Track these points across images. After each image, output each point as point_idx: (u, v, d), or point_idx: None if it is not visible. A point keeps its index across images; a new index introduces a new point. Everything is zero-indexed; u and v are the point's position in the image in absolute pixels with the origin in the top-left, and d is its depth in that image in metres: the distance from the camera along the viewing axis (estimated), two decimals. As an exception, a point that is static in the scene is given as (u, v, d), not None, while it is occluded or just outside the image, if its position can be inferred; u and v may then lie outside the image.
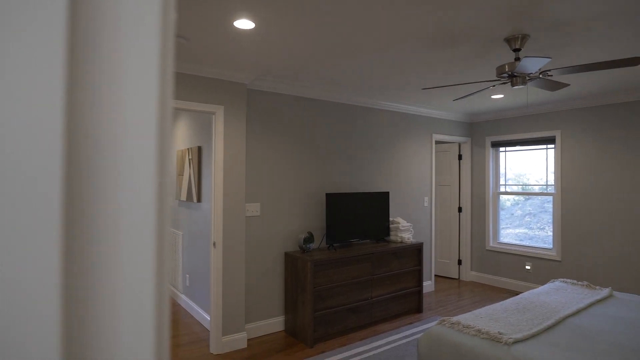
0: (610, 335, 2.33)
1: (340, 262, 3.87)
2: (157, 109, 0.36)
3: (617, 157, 4.54)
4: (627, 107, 4.46)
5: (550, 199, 5.22)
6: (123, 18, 0.35)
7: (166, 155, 0.37)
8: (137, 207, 0.35)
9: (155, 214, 0.36)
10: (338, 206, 4.15)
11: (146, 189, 0.35)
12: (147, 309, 0.35)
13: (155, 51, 0.36)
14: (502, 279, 5.61)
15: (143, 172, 0.35)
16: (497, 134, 5.71)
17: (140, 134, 0.35)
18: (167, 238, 0.37)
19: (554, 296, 3.08)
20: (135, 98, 0.35)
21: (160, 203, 0.36)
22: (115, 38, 0.35)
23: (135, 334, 0.35)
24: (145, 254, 0.35)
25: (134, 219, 0.35)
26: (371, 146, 4.82)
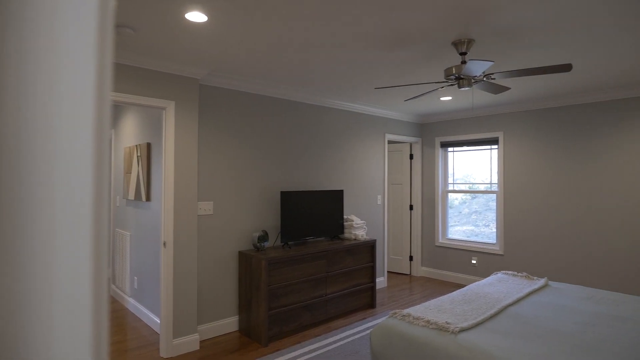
0: (546, 321, 2.51)
1: (295, 260, 3.88)
2: (94, 103, 0.34)
3: (553, 157, 4.89)
4: (561, 111, 4.81)
5: (494, 197, 5.52)
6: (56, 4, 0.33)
7: (104, 152, 0.35)
8: (73, 206, 0.33)
9: (92, 212, 0.34)
10: (293, 204, 4.15)
11: (82, 187, 0.34)
12: (83, 311, 0.34)
13: (93, 40, 0.34)
14: (451, 273, 5.87)
15: (79, 170, 0.33)
16: (446, 134, 5.95)
17: (75, 130, 0.33)
18: (105, 237, 0.36)
19: (496, 287, 3.27)
20: (70, 91, 0.33)
21: (97, 202, 0.35)
22: (47, 26, 0.33)
23: (72, 338, 0.34)
24: (82, 254, 0.34)
25: (69, 218, 0.33)
26: (326, 145, 4.86)
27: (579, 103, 4.65)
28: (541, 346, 2.12)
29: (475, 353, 2.06)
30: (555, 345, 2.13)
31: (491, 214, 5.63)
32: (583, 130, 4.64)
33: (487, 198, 5.66)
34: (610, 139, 4.44)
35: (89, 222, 0.35)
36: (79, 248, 0.34)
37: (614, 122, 4.41)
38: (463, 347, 2.13)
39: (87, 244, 0.35)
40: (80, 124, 0.35)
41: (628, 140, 4.32)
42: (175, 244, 3.42)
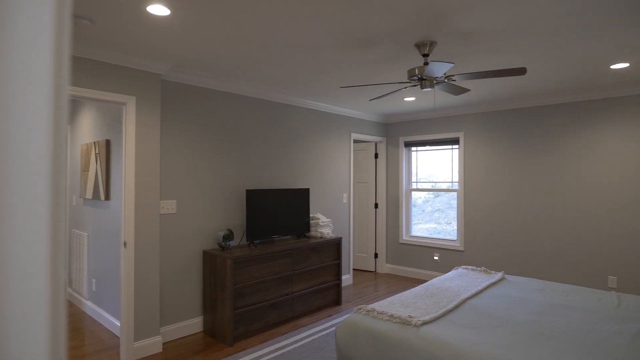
0: (503, 312, 2.63)
1: (260, 259, 3.86)
2: (50, 97, 0.32)
3: (510, 157, 5.12)
4: (518, 113, 5.05)
5: (455, 195, 5.71)
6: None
7: (61, 150, 0.34)
8: (29, 205, 0.32)
9: (49, 211, 0.33)
10: (259, 203, 4.13)
11: (38, 185, 0.32)
12: (40, 313, 0.33)
13: (49, 30, 0.32)
14: (414, 269, 6.02)
15: (35, 167, 0.32)
16: (410, 134, 6.10)
17: (30, 126, 0.32)
18: (63, 236, 0.34)
19: (456, 281, 3.39)
20: (25, 85, 0.31)
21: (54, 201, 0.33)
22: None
23: (28, 341, 0.33)
24: (38, 255, 0.33)
25: (25, 218, 0.32)
26: (293, 143, 4.86)
27: (534, 106, 4.89)
28: (498, 336, 2.23)
29: (436, 344, 2.14)
30: (511, 335, 2.24)
31: (453, 212, 5.82)
32: (537, 132, 4.89)
33: (449, 197, 5.84)
34: (562, 140, 4.70)
35: (45, 221, 0.34)
36: (36, 248, 0.33)
37: (565, 124, 4.67)
38: (425, 339, 2.20)
39: (44, 244, 0.34)
40: (35, 120, 0.33)
41: (577, 142, 4.59)
42: (137, 244, 3.32)
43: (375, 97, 3.45)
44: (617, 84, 4.12)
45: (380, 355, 2.30)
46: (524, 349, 2.05)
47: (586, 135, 4.53)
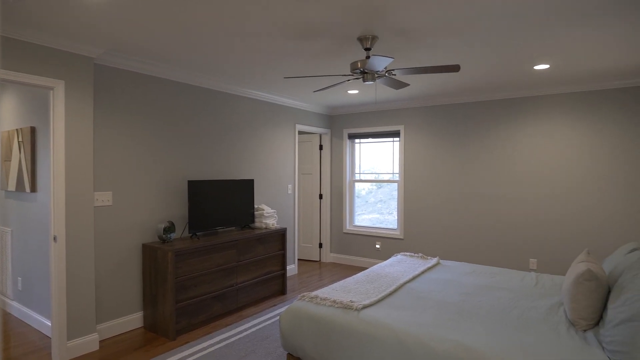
0: (436, 294, 2.82)
1: (204, 251, 3.80)
2: None
3: (446, 150, 5.42)
4: (454, 108, 5.35)
5: (396, 186, 5.96)
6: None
7: None
8: None
9: None
10: (201, 194, 4.05)
11: None
12: None
13: None
14: (357, 258, 6.21)
15: None
16: (353, 126, 6.25)
17: None
18: None
19: (395, 267, 3.56)
20: None
21: None
22: None
23: None
24: None
25: None
26: (237, 134, 4.80)
27: (469, 101, 5.21)
28: (430, 315, 2.39)
29: (375, 326, 2.25)
30: (442, 314, 2.42)
31: (394, 202, 6.06)
32: (472, 126, 5.22)
33: (391, 188, 6.08)
34: (494, 134, 5.06)
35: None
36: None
37: (497, 119, 5.03)
38: (365, 321, 2.31)
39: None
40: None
41: (508, 136, 4.97)
42: (68, 238, 3.13)
43: (319, 88, 3.51)
44: (541, 83, 4.50)
45: (324, 339, 2.38)
46: (452, 326, 2.22)
47: (516, 130, 4.92)
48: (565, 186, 4.61)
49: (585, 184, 4.50)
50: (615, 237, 4.34)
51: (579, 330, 2.16)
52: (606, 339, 1.86)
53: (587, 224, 4.49)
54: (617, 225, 4.33)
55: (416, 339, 2.08)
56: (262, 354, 3.16)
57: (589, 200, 4.48)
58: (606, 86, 4.34)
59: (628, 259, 2.37)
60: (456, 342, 2.01)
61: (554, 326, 2.21)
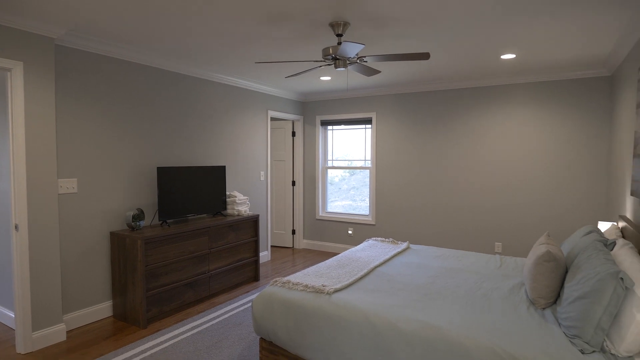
0: (405, 277, 2.90)
1: (175, 238, 3.75)
2: None
3: (417, 137, 5.52)
4: (426, 95, 5.43)
5: (368, 173, 6.03)
6: None
7: None
8: None
9: None
10: (172, 181, 3.98)
11: None
12: None
13: None
14: (330, 244, 6.28)
15: None
16: (326, 113, 6.25)
17: None
18: None
19: (367, 252, 3.63)
20: None
21: None
22: None
23: None
24: None
25: None
26: (208, 120, 4.72)
27: (439, 89, 5.31)
28: (400, 297, 2.46)
29: (346, 309, 2.30)
30: (410, 296, 2.49)
31: (367, 189, 6.14)
32: (442, 114, 5.32)
33: (364, 175, 6.15)
34: (463, 122, 5.18)
35: None
36: None
37: (467, 108, 5.15)
38: (336, 304, 2.36)
39: None
40: None
41: (476, 124, 5.10)
42: (31, 226, 3.02)
43: (291, 74, 3.49)
44: (507, 73, 4.63)
45: (296, 323, 2.41)
46: (420, 306, 2.30)
47: (483, 118, 5.05)
48: (529, 173, 4.80)
49: (548, 171, 4.69)
50: (574, 221, 4.57)
51: (538, 308, 2.28)
52: (562, 316, 1.97)
53: (549, 209, 4.70)
54: (576, 210, 4.56)
55: (385, 320, 2.15)
56: (235, 340, 3.18)
57: (551, 186, 4.68)
58: (569, 76, 4.51)
59: (584, 241, 2.51)
60: (423, 322, 2.09)
61: (515, 305, 2.32)
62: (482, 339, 1.90)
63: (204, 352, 2.97)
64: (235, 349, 3.02)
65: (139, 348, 3.06)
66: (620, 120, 3.67)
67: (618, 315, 1.75)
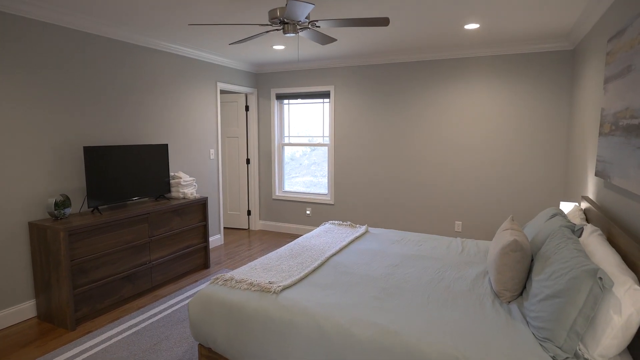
0: (362, 268, 2.66)
1: (108, 227, 3.32)
2: None
3: (377, 112, 5.23)
4: (385, 68, 5.12)
5: (326, 150, 5.72)
6: None
7: None
8: None
9: None
10: (103, 162, 3.50)
11: None
12: None
13: None
14: (287, 225, 6.00)
15: None
16: (281, 86, 5.83)
17: None
18: None
19: (323, 238, 3.37)
20: None
21: None
22: None
23: None
24: None
25: None
26: (147, 92, 4.20)
27: (400, 62, 5.01)
28: (354, 294, 2.21)
29: (293, 312, 2.03)
30: (367, 291, 2.25)
31: (327, 165, 5.85)
32: (403, 87, 5.05)
33: (325, 150, 5.84)
34: (424, 96, 4.94)
35: None
36: None
37: (428, 81, 4.90)
38: (283, 306, 2.08)
39: None
40: None
41: (437, 98, 4.87)
42: None
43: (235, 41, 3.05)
44: (470, 44, 4.39)
45: (236, 329, 2.12)
46: (377, 305, 2.06)
47: (444, 92, 4.83)
48: (490, 150, 4.66)
49: (508, 149, 4.57)
50: (534, 200, 4.51)
51: (503, 302, 2.10)
52: (531, 314, 1.79)
53: (508, 187, 4.61)
54: (536, 189, 4.49)
55: (337, 325, 1.89)
56: (176, 340, 2.86)
57: (511, 164, 4.57)
58: (532, 49, 4.33)
59: (549, 226, 2.35)
60: (380, 326, 1.85)
61: (479, 299, 2.13)
62: (444, 345, 1.69)
63: (139, 358, 2.63)
64: (175, 352, 2.70)
65: (62, 356, 2.68)
66: (584, 96, 3.54)
67: (593, 317, 1.57)
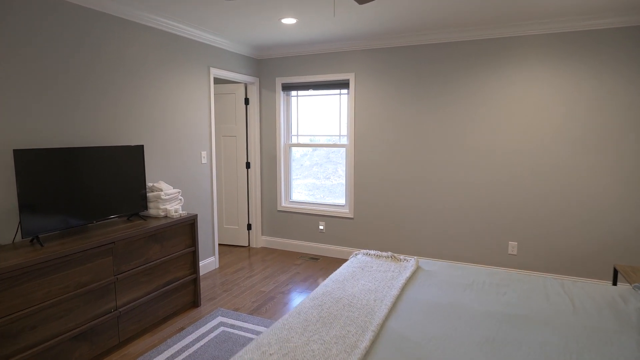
0: (440, 348, 1.65)
1: (52, 267, 2.29)
2: None
3: (408, 106, 4.23)
4: (419, 50, 4.11)
5: (344, 151, 4.71)
6: None
7: None
8: None
9: None
10: (47, 171, 2.47)
11: None
12: None
13: None
14: (295, 242, 4.98)
15: None
16: (289, 74, 4.80)
17: None
18: None
19: (362, 281, 2.36)
20: None
21: None
22: None
23: None
24: None
25: None
26: (117, 78, 3.16)
27: (440, 42, 4.00)
28: None
29: None
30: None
31: (332, 165, 4.85)
32: (445, 74, 4.04)
33: (328, 150, 4.83)
34: (469, 87, 3.94)
35: None
36: None
37: (472, 66, 3.90)
38: None
39: None
40: None
41: (485, 90, 3.87)
42: None
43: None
44: (530, 17, 3.39)
45: None
46: None
47: (497, 78, 3.83)
48: (553, 153, 3.68)
49: (578, 151, 3.59)
50: (621, 221, 3.53)
51: None
52: None
53: (582, 199, 3.62)
54: (622, 207, 3.50)
55: None
56: None
57: (583, 172, 3.59)
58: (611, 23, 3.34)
59: None
60: None
61: None
62: None
63: None
64: None
65: None
66: None
67: None
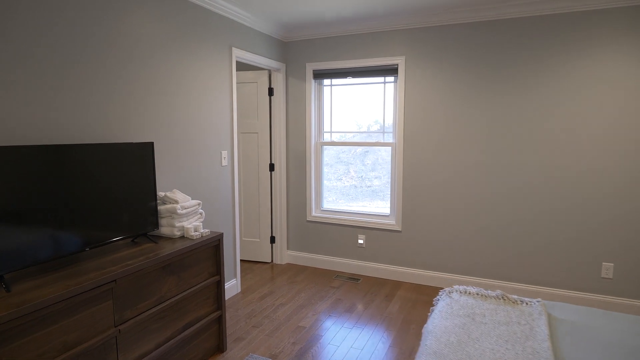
0: None
1: (22, 327, 1.52)
2: None
3: (471, 97, 3.47)
4: (489, 27, 3.36)
5: (390, 151, 3.95)
6: None
7: None
8: None
9: None
10: (18, 178, 1.71)
11: None
12: None
13: None
14: (328, 258, 4.22)
15: None
16: (322, 59, 4.04)
17: None
18: None
19: (485, 343, 1.59)
20: None
21: None
22: None
23: None
24: None
25: None
26: (119, 58, 2.39)
27: (519, 16, 3.25)
28: None
29: None
30: None
31: (359, 164, 4.10)
32: (522, 56, 3.29)
33: (363, 149, 4.09)
34: (552, 74, 3.18)
35: None
36: None
37: (567, 45, 3.14)
38: None
39: None
40: None
41: (572, 78, 3.12)
42: None
43: None
44: (656, -23, 2.65)
45: None
46: None
47: (589, 66, 3.08)
48: (671, 152, 2.93)
49: None
50: None
51: None
52: None
53: None
54: None
55: None
56: None
57: None
58: None
59: None
60: None
61: None
62: None
63: None
64: None
65: None
66: None
67: None
